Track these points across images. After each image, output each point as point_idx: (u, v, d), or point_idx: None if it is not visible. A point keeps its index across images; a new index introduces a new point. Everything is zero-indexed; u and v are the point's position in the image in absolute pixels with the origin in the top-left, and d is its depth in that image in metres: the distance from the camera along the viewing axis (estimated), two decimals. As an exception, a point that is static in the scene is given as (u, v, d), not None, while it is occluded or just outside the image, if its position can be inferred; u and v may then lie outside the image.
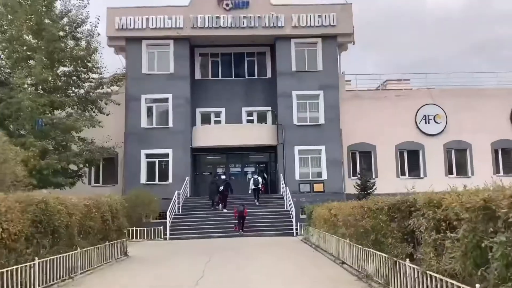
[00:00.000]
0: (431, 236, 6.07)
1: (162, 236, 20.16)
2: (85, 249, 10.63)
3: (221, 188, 22.92)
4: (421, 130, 27.10)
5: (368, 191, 22.79)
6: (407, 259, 6.97)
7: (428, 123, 27.12)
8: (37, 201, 8.55)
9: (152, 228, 20.57)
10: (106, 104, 23.04)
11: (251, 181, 24.12)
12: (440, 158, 27.01)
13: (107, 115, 23.21)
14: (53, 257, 8.95)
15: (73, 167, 22.94)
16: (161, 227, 20.58)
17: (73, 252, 9.90)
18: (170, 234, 20.28)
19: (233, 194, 23.42)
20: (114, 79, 23.49)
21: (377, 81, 27.73)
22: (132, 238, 19.85)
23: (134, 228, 19.96)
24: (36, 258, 8.32)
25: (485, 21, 55.84)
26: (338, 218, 11.85)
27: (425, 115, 27.15)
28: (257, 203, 23.56)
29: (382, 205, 8.11)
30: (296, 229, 20.70)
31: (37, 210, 8.48)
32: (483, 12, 55.83)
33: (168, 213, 20.52)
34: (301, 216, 23.81)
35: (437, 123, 27.12)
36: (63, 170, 20.78)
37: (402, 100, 27.24)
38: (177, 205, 22.37)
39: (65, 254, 9.49)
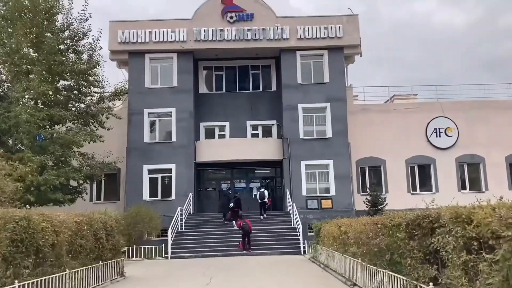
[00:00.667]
0: (461, 257, 5.19)
1: (163, 255, 19.25)
2: (75, 270, 9.79)
3: (231, 204, 22.09)
4: (432, 144, 26.17)
5: (379, 207, 21.79)
6: (431, 283, 6.09)
7: (439, 136, 26.21)
8: (17, 218, 7.77)
9: (153, 246, 19.68)
10: (107, 118, 22.36)
11: (257, 195, 23.62)
12: (452, 173, 26.00)
13: (108, 129, 22.53)
14: (36, 279, 8.14)
15: (73, 183, 22.28)
16: (162, 245, 19.68)
17: (61, 273, 9.07)
18: (172, 253, 19.37)
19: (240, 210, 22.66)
20: (116, 92, 22.85)
21: (385, 94, 26.92)
22: (132, 257, 19.00)
23: (134, 247, 19.09)
24: (16, 281, 7.51)
25: (491, 38, 55.23)
26: (348, 236, 10.94)
27: (435, 128, 26.25)
28: (262, 218, 22.86)
29: (399, 221, 7.22)
30: (304, 247, 19.72)
31: (18, 227, 7.70)
32: (489, 29, 55.24)
33: (169, 231, 19.65)
34: (309, 234, 22.87)
35: (448, 136, 26.20)
36: (62, 186, 20.03)
37: (411, 113, 26.40)
38: (179, 222, 21.50)
39: (51, 276, 8.67)
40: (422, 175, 26.33)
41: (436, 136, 26.20)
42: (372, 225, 8.88)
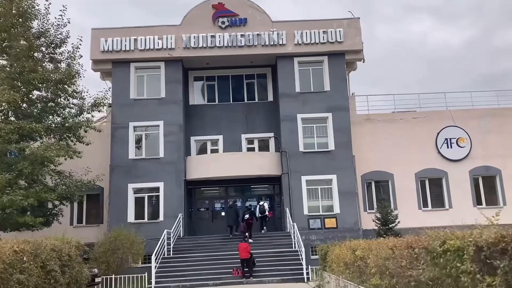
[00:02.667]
0: None
1: (146, 285, 16.59)
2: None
3: (247, 216, 20.51)
4: (443, 156, 23.80)
5: (390, 225, 19.27)
6: None
7: (451, 147, 23.86)
8: None
9: (135, 275, 17.04)
10: (86, 131, 19.97)
11: (257, 208, 21.74)
12: (466, 187, 23.56)
13: (87, 144, 20.13)
14: None
15: (51, 204, 19.80)
16: (145, 274, 17.04)
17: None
18: (156, 283, 16.73)
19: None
20: (96, 103, 20.49)
21: (391, 103, 24.65)
22: (110, 287, 16.34)
23: (112, 276, 16.45)
24: None
25: (486, 57, 53.63)
26: (367, 263, 8.46)
27: (446, 139, 23.93)
28: (263, 231, 21.38)
29: (458, 245, 4.77)
30: (307, 273, 17.11)
31: None
32: (484, 47, 53.74)
33: (153, 257, 17.02)
34: (312, 257, 20.35)
35: (460, 147, 23.86)
36: (32, 208, 17.51)
37: (420, 122, 24.12)
38: (166, 247, 18.91)
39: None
40: (433, 189, 23.89)
41: (447, 147, 23.86)
42: (406, 249, 6.43)
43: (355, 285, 9.35)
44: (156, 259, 17.54)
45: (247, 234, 19.64)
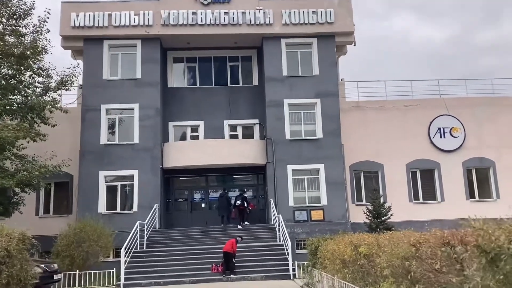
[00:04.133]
0: None
1: (114, 282, 14.69)
2: None
3: (238, 202, 19.54)
4: (435, 146, 22.40)
5: (382, 218, 17.72)
6: None
7: (444, 137, 22.47)
8: None
9: (103, 271, 15.12)
10: (51, 112, 17.89)
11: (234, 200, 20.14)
12: (459, 179, 22.22)
13: (53, 126, 18.06)
14: None
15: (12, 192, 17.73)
16: (114, 270, 15.12)
17: None
18: (126, 279, 14.83)
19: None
20: (63, 81, 18.34)
21: (381, 90, 23.04)
22: (74, 285, 14.41)
23: (76, 272, 14.51)
24: None
25: (469, 54, 52.53)
26: (375, 262, 6.78)
27: (439, 128, 22.52)
28: (240, 226, 19.33)
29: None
30: (293, 269, 15.44)
31: None
32: (466, 45, 52.70)
33: (122, 251, 15.09)
34: (297, 251, 18.76)
35: (454, 137, 22.48)
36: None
37: (412, 111, 22.65)
38: (139, 240, 17.02)
39: None
40: (425, 181, 22.49)
41: (440, 137, 22.46)
42: (440, 247, 4.74)
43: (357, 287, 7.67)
44: (126, 254, 15.65)
45: (243, 222, 18.87)
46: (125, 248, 15.31)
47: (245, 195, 20.33)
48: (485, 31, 53.24)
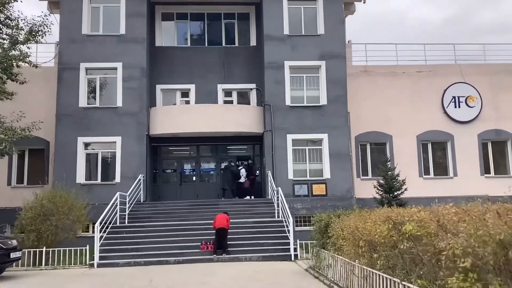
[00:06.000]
0: None
1: (87, 261, 12.45)
2: None
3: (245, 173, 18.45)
4: (449, 116, 20.15)
5: (395, 193, 15.51)
6: None
7: (458, 107, 20.20)
8: None
9: (76, 248, 12.87)
10: (18, 66, 15.37)
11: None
12: (474, 152, 20.06)
13: (22, 83, 15.59)
14: None
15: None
16: (87, 247, 12.86)
17: None
18: (101, 258, 12.61)
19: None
20: (32, 31, 15.71)
21: (392, 53, 20.55)
22: (40, 264, 12.18)
23: (43, 250, 12.26)
24: None
25: (466, 35, 49.69)
26: (429, 246, 4.51)
27: (454, 97, 20.23)
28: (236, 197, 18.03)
29: None
30: (295, 249, 13.27)
31: None
32: (463, 26, 49.80)
33: (97, 226, 12.77)
34: (297, 228, 16.61)
35: (469, 107, 20.22)
36: None
37: (425, 77, 20.31)
38: (118, 214, 14.75)
39: None
40: (436, 155, 20.34)
41: (455, 107, 20.18)
42: None
43: (397, 280, 5.42)
44: (103, 229, 13.40)
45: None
46: (100, 222, 13.01)
47: (242, 170, 18.50)
48: (484, 11, 50.42)
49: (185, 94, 19.81)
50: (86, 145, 17.93)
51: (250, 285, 9.21)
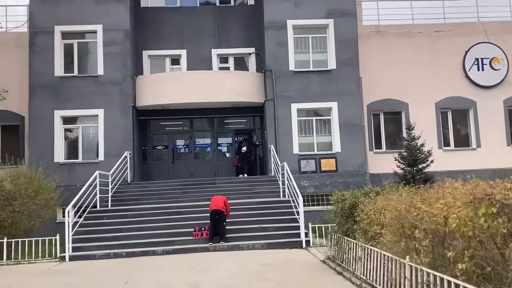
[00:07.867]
0: None
1: (57, 254, 10.21)
2: None
3: (244, 149, 16.24)
4: (471, 80, 17.75)
5: (420, 166, 13.20)
6: None
7: (482, 69, 17.78)
8: None
9: (45, 238, 10.61)
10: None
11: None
12: (499, 121, 17.74)
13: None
14: None
15: None
16: (57, 236, 10.60)
17: None
18: (74, 250, 10.36)
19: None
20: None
21: (407, 11, 18.04)
22: (1, 259, 9.94)
23: (4, 240, 10.02)
24: None
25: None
26: None
27: (477, 59, 17.79)
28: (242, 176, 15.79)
29: None
30: (306, 234, 11.03)
31: None
32: None
33: (68, 211, 10.46)
34: (304, 209, 14.32)
35: (494, 69, 17.81)
36: None
37: (444, 38, 17.84)
38: (98, 196, 12.48)
39: None
40: (457, 124, 18.04)
41: (478, 70, 17.77)
42: None
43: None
44: (78, 214, 11.13)
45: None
46: (74, 206, 10.72)
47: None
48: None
49: (175, 61, 17.35)
50: (65, 119, 15.56)
51: (260, 280, 7.00)
